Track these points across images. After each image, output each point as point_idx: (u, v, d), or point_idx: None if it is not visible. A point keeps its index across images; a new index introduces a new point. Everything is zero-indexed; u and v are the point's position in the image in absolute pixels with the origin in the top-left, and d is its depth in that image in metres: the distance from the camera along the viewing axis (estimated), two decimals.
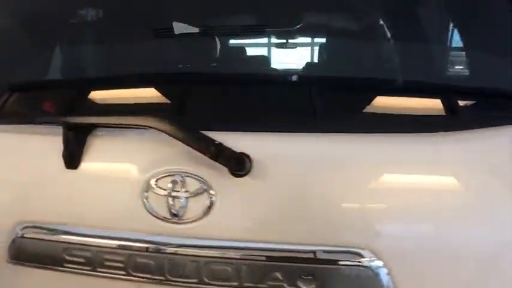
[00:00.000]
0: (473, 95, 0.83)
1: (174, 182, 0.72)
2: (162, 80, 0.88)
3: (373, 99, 0.83)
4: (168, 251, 0.72)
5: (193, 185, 0.72)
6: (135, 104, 0.87)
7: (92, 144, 0.78)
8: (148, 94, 0.89)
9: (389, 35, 1.00)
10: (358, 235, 0.70)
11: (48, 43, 1.05)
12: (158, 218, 0.73)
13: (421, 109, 0.80)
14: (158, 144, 0.74)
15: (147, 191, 0.73)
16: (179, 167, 0.73)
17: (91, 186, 0.77)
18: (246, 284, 0.70)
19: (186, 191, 0.72)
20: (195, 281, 0.72)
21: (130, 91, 0.92)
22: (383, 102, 0.84)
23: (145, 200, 0.73)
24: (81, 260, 0.76)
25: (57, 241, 0.77)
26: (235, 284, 0.71)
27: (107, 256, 0.75)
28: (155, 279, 0.73)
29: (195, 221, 0.71)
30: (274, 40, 1.76)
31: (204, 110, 0.83)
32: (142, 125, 0.71)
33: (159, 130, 0.69)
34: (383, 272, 0.69)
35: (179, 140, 0.69)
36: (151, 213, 0.73)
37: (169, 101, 0.87)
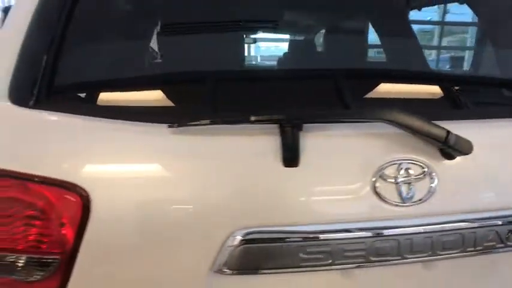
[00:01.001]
0: None
1: (399, 169, 0.80)
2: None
3: None
4: (403, 232, 0.79)
5: (416, 170, 0.80)
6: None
7: (306, 139, 0.79)
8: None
9: None
10: None
11: None
12: (390, 204, 0.79)
13: None
14: (377, 135, 0.81)
15: (376, 181, 0.79)
16: (401, 155, 0.80)
17: (315, 182, 0.79)
18: (468, 249, 0.83)
19: (411, 176, 0.80)
20: (428, 253, 0.81)
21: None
22: None
23: (376, 189, 0.79)
24: (320, 256, 0.77)
25: (291, 241, 0.77)
26: (459, 250, 0.82)
27: (347, 247, 0.78)
28: (393, 259, 0.80)
29: (423, 201, 0.80)
30: None
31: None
32: (378, 119, 0.78)
33: (397, 123, 0.77)
34: None
35: (414, 130, 0.78)
36: (383, 200, 0.79)
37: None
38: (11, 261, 0.77)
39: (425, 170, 0.81)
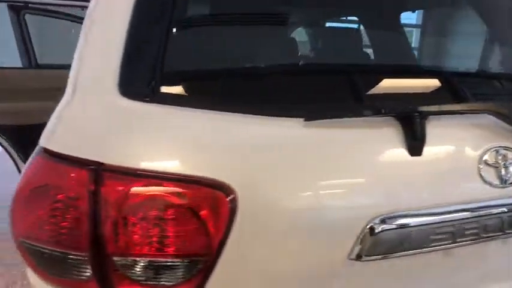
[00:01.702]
0: None
1: (497, 155, 0.90)
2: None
3: None
4: (506, 210, 0.89)
5: (509, 155, 0.91)
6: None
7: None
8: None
9: None
10: None
11: None
12: (493, 186, 0.88)
13: None
14: (475, 125, 0.90)
15: (481, 166, 0.88)
16: (497, 143, 0.90)
17: (436, 168, 0.85)
18: None
19: (508, 161, 0.90)
20: None
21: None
22: None
23: (481, 173, 0.88)
24: (445, 236, 0.84)
25: (422, 225, 0.82)
26: None
27: (465, 226, 0.86)
28: (497, 235, 0.89)
29: None
30: None
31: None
32: (487, 110, 0.86)
33: (501, 114, 0.86)
34: None
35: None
36: (487, 183, 0.88)
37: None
38: (151, 265, 0.73)
39: None
